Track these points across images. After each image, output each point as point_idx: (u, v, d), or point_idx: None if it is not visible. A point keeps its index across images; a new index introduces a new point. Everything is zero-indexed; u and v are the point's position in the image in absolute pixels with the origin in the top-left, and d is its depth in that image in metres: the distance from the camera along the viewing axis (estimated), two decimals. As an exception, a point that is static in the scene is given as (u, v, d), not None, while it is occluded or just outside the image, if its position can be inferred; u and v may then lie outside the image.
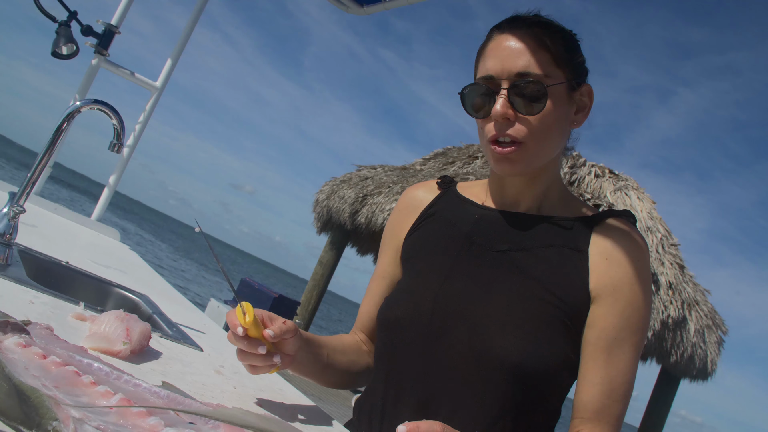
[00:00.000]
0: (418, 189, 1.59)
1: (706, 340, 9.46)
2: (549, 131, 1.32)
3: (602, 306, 1.29)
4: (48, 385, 0.74)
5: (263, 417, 0.69)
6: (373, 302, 1.56)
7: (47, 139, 1.68)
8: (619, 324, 1.28)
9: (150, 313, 1.74)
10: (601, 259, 1.32)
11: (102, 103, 1.68)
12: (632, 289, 1.30)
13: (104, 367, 0.92)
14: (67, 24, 3.17)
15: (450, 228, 1.45)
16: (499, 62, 1.31)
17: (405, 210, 1.57)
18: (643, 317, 1.30)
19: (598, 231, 1.36)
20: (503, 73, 1.30)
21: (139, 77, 3.59)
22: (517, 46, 1.31)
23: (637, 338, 1.30)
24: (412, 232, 1.52)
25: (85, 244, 2.72)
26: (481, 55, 1.37)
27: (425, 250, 1.45)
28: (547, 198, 1.42)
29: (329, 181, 12.75)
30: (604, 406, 1.26)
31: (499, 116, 1.28)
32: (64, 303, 1.43)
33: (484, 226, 1.41)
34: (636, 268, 1.31)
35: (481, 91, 1.32)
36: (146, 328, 1.28)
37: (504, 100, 1.28)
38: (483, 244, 1.38)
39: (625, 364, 1.28)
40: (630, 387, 1.30)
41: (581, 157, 9.96)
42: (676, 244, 9.73)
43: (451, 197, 1.53)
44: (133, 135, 3.63)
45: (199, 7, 3.80)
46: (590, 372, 1.28)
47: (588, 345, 1.29)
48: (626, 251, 1.32)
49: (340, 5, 3.90)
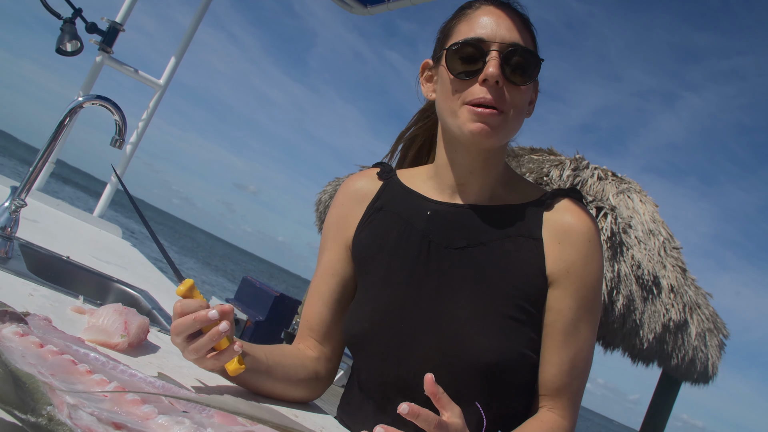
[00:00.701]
0: (360, 179, 1.52)
1: (708, 343, 9.44)
2: (524, 108, 1.32)
3: (558, 289, 1.31)
4: (44, 372, 0.76)
5: (255, 404, 0.70)
6: (321, 301, 1.45)
7: (50, 134, 1.70)
8: (574, 305, 1.30)
9: (149, 308, 1.76)
10: (553, 243, 1.33)
11: (104, 99, 1.70)
12: (585, 269, 1.31)
13: (100, 357, 0.93)
14: (71, 21, 3.19)
15: (404, 226, 1.40)
16: (491, 29, 1.29)
17: (349, 203, 1.50)
18: (597, 295, 1.32)
19: (549, 214, 1.36)
20: (496, 38, 1.28)
21: (142, 75, 3.61)
22: (509, 19, 1.31)
23: (591, 316, 1.32)
24: (362, 228, 1.45)
25: (87, 239, 2.74)
26: (463, 20, 1.35)
27: (382, 252, 1.40)
28: (497, 182, 1.40)
29: (332, 181, 12.76)
30: (565, 384, 1.30)
31: (494, 77, 1.25)
32: (63, 296, 1.44)
33: (438, 223, 1.38)
34: (587, 248, 1.32)
35: (471, 51, 1.28)
36: (144, 322, 1.29)
37: (497, 62, 1.26)
38: (441, 242, 1.36)
39: (583, 342, 1.31)
40: (588, 363, 1.33)
41: (584, 160, 9.95)
42: (678, 247, 9.71)
43: (396, 189, 1.47)
44: (136, 132, 3.65)
45: (203, 6, 3.82)
46: (550, 353, 1.31)
47: (547, 327, 1.32)
48: (577, 231, 1.32)
49: (344, 5, 3.91)
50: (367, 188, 1.50)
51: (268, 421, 0.69)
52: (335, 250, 1.47)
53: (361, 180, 1.52)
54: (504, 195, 1.40)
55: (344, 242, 1.47)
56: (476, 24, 1.31)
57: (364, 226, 1.45)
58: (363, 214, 1.46)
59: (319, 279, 1.47)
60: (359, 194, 1.49)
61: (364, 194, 1.49)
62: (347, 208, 1.49)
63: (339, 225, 1.49)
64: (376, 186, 1.49)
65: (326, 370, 1.44)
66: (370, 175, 1.52)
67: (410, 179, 1.48)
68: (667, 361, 9.28)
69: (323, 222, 13.45)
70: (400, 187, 1.47)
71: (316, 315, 1.45)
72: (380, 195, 1.47)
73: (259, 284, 10.73)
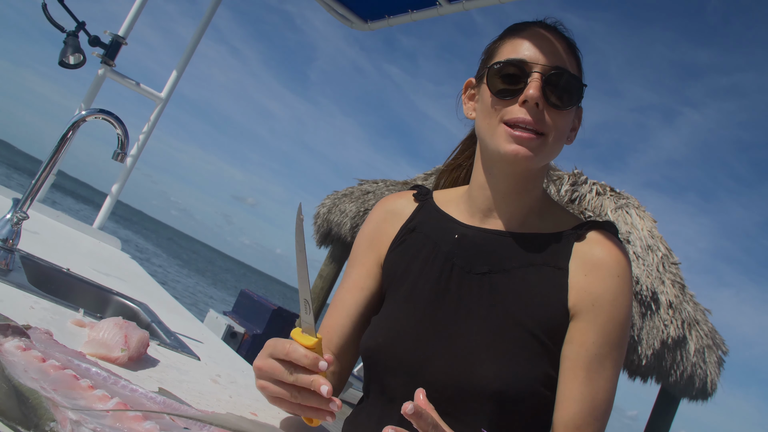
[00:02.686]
0: (397, 200, 1.53)
1: (707, 359, 9.42)
2: (564, 133, 1.30)
3: (581, 321, 1.26)
4: (46, 387, 0.76)
5: (257, 422, 0.70)
6: (345, 313, 1.45)
7: (52, 147, 1.71)
8: (599, 340, 1.25)
9: (149, 322, 1.76)
10: (580, 275, 1.29)
11: (107, 113, 1.71)
12: (613, 304, 1.26)
13: (102, 372, 0.93)
14: (75, 34, 3.21)
15: (431, 248, 1.40)
16: (536, 51, 1.28)
17: (385, 221, 1.50)
18: (624, 333, 1.28)
19: (579, 245, 1.32)
20: (539, 60, 1.27)
21: (144, 88, 3.63)
22: (554, 42, 1.30)
23: (617, 354, 1.27)
24: (395, 246, 1.46)
25: (86, 251, 2.74)
26: (508, 41, 1.34)
27: (408, 272, 1.40)
28: (529, 209, 1.38)
29: (331, 195, 12.78)
30: (585, 424, 1.24)
31: (534, 99, 1.24)
32: (64, 309, 1.45)
33: (464, 247, 1.37)
34: (616, 283, 1.27)
35: (513, 70, 1.28)
36: (144, 336, 1.29)
37: (538, 84, 1.25)
38: (463, 266, 1.34)
39: (606, 381, 1.25)
40: (610, 404, 1.27)
41: (582, 175, 9.98)
42: (676, 263, 9.72)
43: (430, 211, 1.47)
44: (137, 145, 3.66)
45: (205, 20, 3.84)
46: (570, 389, 1.25)
47: (567, 361, 1.26)
48: (606, 265, 1.28)
49: (345, 21, 3.94)
50: (402, 208, 1.50)
51: (270, 439, 0.69)
52: (366, 266, 1.48)
53: (398, 200, 1.53)
54: (536, 223, 1.38)
55: (377, 259, 1.47)
56: (521, 45, 1.30)
57: (396, 245, 1.46)
58: (397, 233, 1.47)
59: (346, 292, 1.47)
60: (395, 214, 1.50)
61: (399, 214, 1.49)
62: (383, 226, 1.50)
63: (372, 241, 1.49)
64: (412, 207, 1.50)
65: (339, 383, 1.44)
66: (407, 196, 1.53)
67: (445, 202, 1.48)
68: (666, 377, 9.27)
69: (321, 235, 13.33)
70: (434, 209, 1.47)
71: (338, 327, 1.44)
72: (414, 216, 1.48)
73: (257, 297, 10.71)
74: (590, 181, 10.00)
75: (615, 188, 10.09)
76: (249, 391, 1.45)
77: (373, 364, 1.37)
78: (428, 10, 3.36)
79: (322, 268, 12.82)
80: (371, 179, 12.59)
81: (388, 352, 1.33)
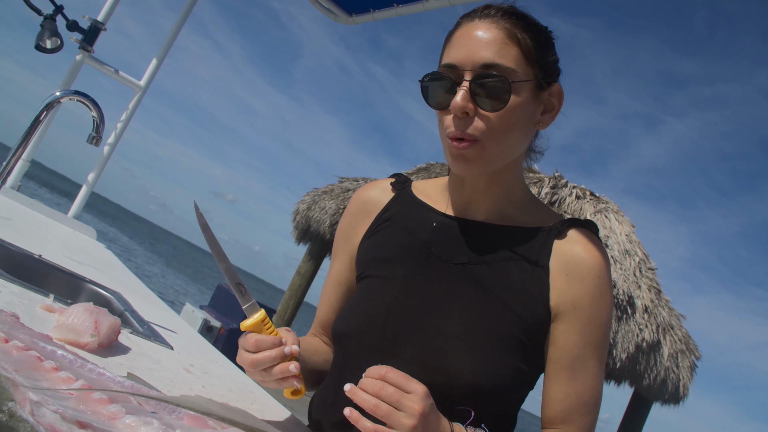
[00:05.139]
0: (372, 189, 1.51)
1: (680, 364, 9.51)
2: (510, 130, 1.23)
3: (563, 323, 1.26)
4: (8, 368, 0.73)
5: (226, 406, 0.67)
6: (331, 308, 1.50)
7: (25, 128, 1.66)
8: (581, 341, 1.25)
9: (122, 310, 1.72)
10: (561, 275, 1.27)
11: (82, 94, 1.67)
12: (594, 305, 1.26)
13: (68, 355, 0.90)
14: (52, 18, 3.15)
15: (407, 236, 1.38)
16: (465, 51, 1.22)
17: (359, 213, 1.49)
18: (606, 332, 1.28)
19: (560, 243, 1.30)
20: (467, 64, 1.21)
21: (123, 75, 3.57)
22: (485, 36, 1.22)
23: (600, 352, 1.27)
24: (368, 236, 1.45)
25: (60, 240, 2.68)
26: (447, 43, 1.28)
27: (381, 259, 1.38)
28: (508, 202, 1.36)
29: (310, 192, 12.73)
30: (572, 420, 1.25)
31: (459, 109, 1.19)
32: (33, 294, 1.41)
33: (442, 236, 1.35)
34: (597, 284, 1.27)
35: (442, 80, 1.23)
36: (116, 322, 1.26)
37: (465, 93, 1.19)
38: (441, 255, 1.33)
39: (590, 380, 1.26)
40: (598, 399, 1.28)
41: (563, 179, 10.03)
42: (653, 268, 9.79)
43: (407, 200, 1.45)
44: (115, 134, 3.60)
45: (188, 7, 3.79)
46: (555, 390, 1.26)
47: (551, 363, 1.27)
48: (587, 266, 1.27)
49: (330, 14, 3.91)
50: (377, 198, 1.48)
51: (240, 423, 0.67)
52: (343, 260, 1.49)
53: (373, 190, 1.50)
54: (516, 216, 1.35)
55: (350, 251, 1.47)
56: (454, 46, 1.25)
57: (370, 235, 1.44)
58: (371, 224, 1.45)
59: (329, 287, 1.51)
60: (369, 204, 1.48)
61: (374, 204, 1.47)
62: (357, 217, 1.48)
63: (347, 234, 1.49)
64: (388, 197, 1.47)
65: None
66: (383, 185, 1.50)
67: (424, 191, 1.46)
68: (639, 380, 9.34)
69: (300, 231, 13.27)
70: (411, 198, 1.45)
71: (326, 319, 1.51)
72: (390, 206, 1.45)
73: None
74: (570, 184, 10.05)
75: (594, 192, 10.15)
76: (222, 382, 1.42)
77: (343, 348, 1.36)
78: (414, 5, 3.34)
79: (300, 265, 12.76)
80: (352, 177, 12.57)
81: (357, 338, 1.31)
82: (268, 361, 1.09)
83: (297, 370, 1.10)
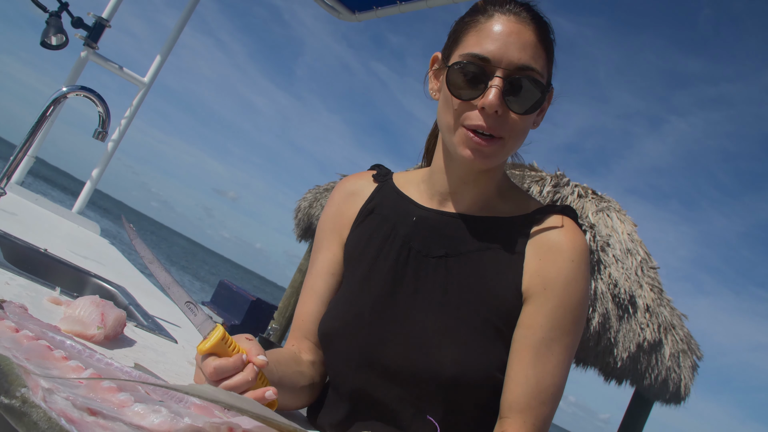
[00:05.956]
0: (357, 180, 1.50)
1: (681, 364, 9.50)
2: (526, 131, 1.26)
3: (532, 305, 1.24)
4: (19, 356, 0.74)
5: (234, 394, 0.69)
6: (319, 300, 1.42)
7: (32, 124, 1.68)
8: (548, 324, 1.22)
9: (126, 304, 1.74)
10: (534, 259, 1.27)
11: (88, 90, 1.68)
12: (566, 289, 1.24)
13: (76, 345, 0.91)
14: (57, 15, 3.17)
15: (389, 230, 1.37)
16: (501, 47, 1.20)
17: (345, 203, 1.47)
18: (577, 319, 1.25)
19: (537, 229, 1.30)
20: (502, 61, 1.19)
21: (127, 72, 3.59)
22: (522, 36, 1.21)
23: (569, 340, 1.24)
24: (355, 227, 1.43)
25: (65, 234, 2.70)
26: (473, 28, 1.25)
27: (365, 255, 1.37)
28: (492, 193, 1.35)
29: (312, 189, 12.73)
30: (530, 407, 1.20)
31: (493, 108, 1.18)
32: (40, 287, 1.42)
33: (421, 230, 1.34)
34: (570, 267, 1.25)
35: (473, 71, 1.21)
36: (121, 315, 1.27)
37: (498, 92, 1.18)
38: (420, 249, 1.32)
39: (554, 366, 1.22)
40: (559, 390, 1.23)
41: (565, 177, 10.02)
42: (655, 267, 9.78)
43: (389, 192, 1.44)
44: (119, 130, 3.62)
45: (190, 6, 3.81)
46: (516, 371, 1.22)
47: (515, 343, 1.24)
48: (560, 249, 1.26)
49: (333, 11, 3.92)
50: (361, 189, 1.47)
51: (247, 411, 0.68)
52: (332, 249, 1.45)
53: (357, 181, 1.50)
54: (497, 206, 1.35)
55: (340, 240, 1.45)
56: (485, 37, 1.22)
57: (356, 226, 1.43)
58: (357, 214, 1.44)
59: (316, 277, 1.44)
60: (354, 194, 1.47)
61: (358, 194, 1.47)
62: (342, 207, 1.47)
63: (334, 223, 1.47)
64: (371, 188, 1.47)
65: (320, 375, 1.41)
66: (366, 177, 1.50)
67: (405, 183, 1.45)
68: (640, 380, 9.33)
69: (301, 228, 13.24)
70: (393, 190, 1.44)
71: (312, 314, 1.41)
72: (373, 197, 1.45)
73: (235, 288, 10.66)
74: (572, 183, 10.04)
75: (597, 191, 10.14)
76: (226, 375, 1.43)
77: (327, 350, 1.35)
78: (416, 2, 3.34)
79: (301, 263, 12.76)
80: (354, 175, 12.53)
81: (343, 337, 1.31)
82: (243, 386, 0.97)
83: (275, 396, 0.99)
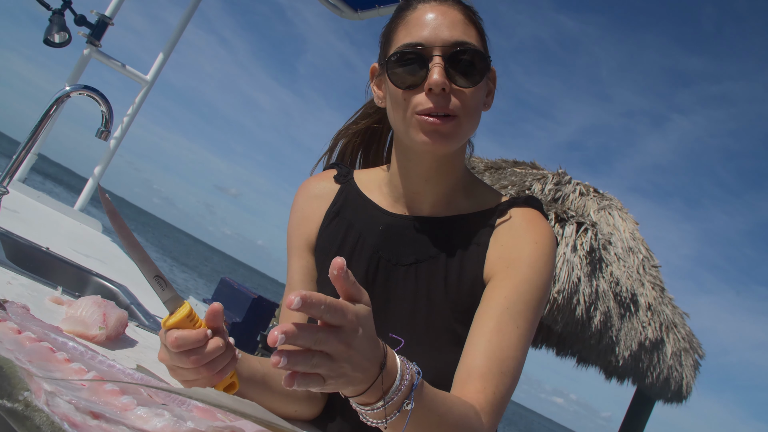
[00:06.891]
0: (319, 182, 1.45)
1: (683, 362, 9.49)
2: (478, 108, 1.24)
3: (495, 281, 1.22)
4: (21, 359, 0.74)
5: (238, 399, 0.69)
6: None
7: (35, 123, 1.68)
8: (513, 295, 1.19)
9: (128, 303, 1.74)
10: (496, 246, 1.26)
11: (91, 89, 1.68)
12: (531, 266, 1.22)
13: (79, 347, 0.91)
14: (60, 12, 3.17)
15: (356, 238, 1.35)
16: (431, 30, 1.20)
17: (309, 207, 1.43)
18: (540, 297, 1.22)
19: (501, 221, 1.29)
20: (437, 41, 1.19)
21: (130, 69, 3.59)
22: (448, 17, 1.22)
23: (532, 315, 1.20)
24: (322, 231, 1.40)
25: (67, 232, 2.70)
26: (403, 24, 1.25)
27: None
28: (454, 190, 1.34)
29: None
30: (492, 373, 1.13)
31: (438, 85, 1.16)
32: (41, 286, 1.42)
33: (390, 238, 1.33)
34: (533, 248, 1.24)
35: (411, 60, 1.20)
36: (123, 315, 1.27)
37: (441, 69, 1.17)
38: (390, 258, 1.31)
39: (516, 338, 1.17)
40: (519, 364, 1.17)
41: (567, 175, 10.00)
42: (656, 265, 9.77)
43: (353, 195, 1.41)
44: (121, 127, 3.62)
45: (193, 4, 3.80)
46: (477, 339, 1.17)
47: (477, 316, 1.21)
48: (522, 232, 1.26)
49: (335, 9, 3.91)
50: (324, 191, 1.44)
51: (250, 416, 0.68)
52: (304, 257, 1.41)
53: (319, 183, 1.45)
54: (461, 203, 1.35)
55: (309, 246, 1.41)
56: (415, 26, 1.22)
57: (323, 230, 1.40)
58: (323, 217, 1.41)
59: (298, 286, 1.39)
60: (318, 197, 1.44)
61: (322, 198, 1.43)
62: (307, 211, 1.43)
63: (301, 229, 1.43)
64: (334, 189, 1.44)
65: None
66: (327, 177, 1.46)
67: (367, 183, 1.42)
68: (642, 379, 9.32)
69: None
70: (356, 193, 1.41)
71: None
72: (337, 200, 1.42)
73: (237, 285, 10.65)
74: (574, 181, 10.03)
75: (598, 189, 10.12)
76: (228, 375, 1.43)
77: None
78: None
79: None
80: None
81: None
82: (206, 358, 0.91)
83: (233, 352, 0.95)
